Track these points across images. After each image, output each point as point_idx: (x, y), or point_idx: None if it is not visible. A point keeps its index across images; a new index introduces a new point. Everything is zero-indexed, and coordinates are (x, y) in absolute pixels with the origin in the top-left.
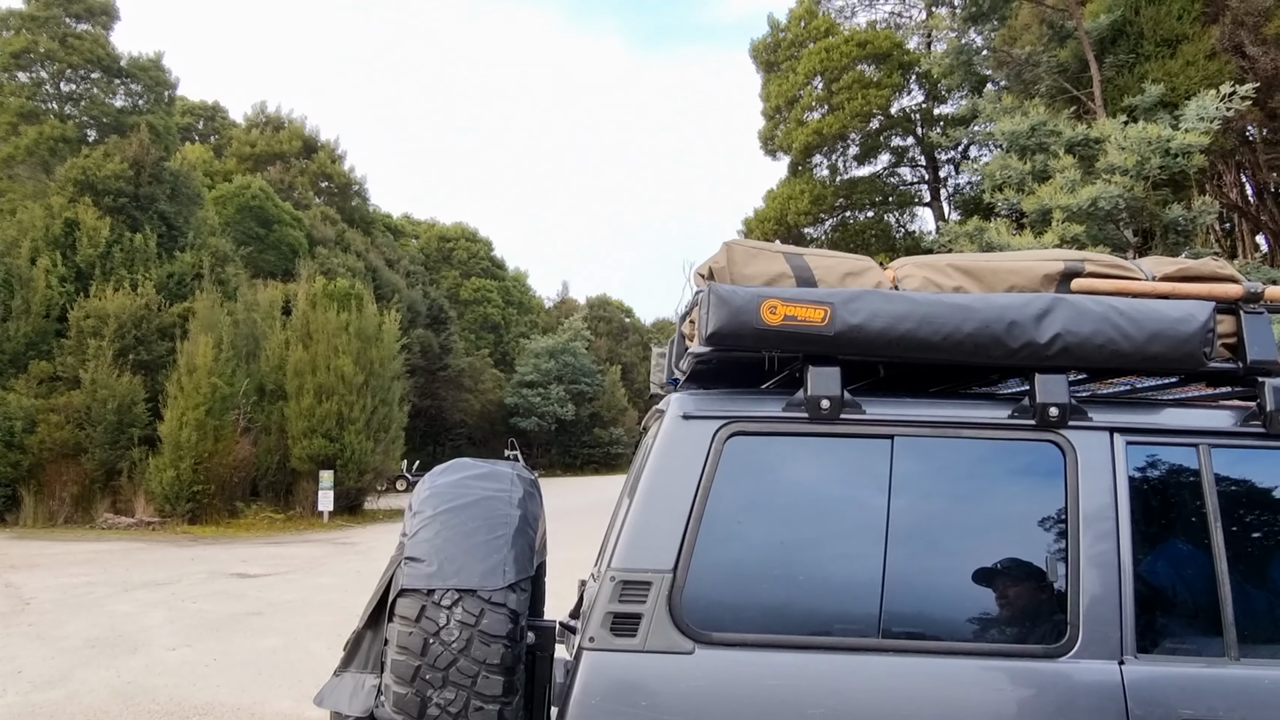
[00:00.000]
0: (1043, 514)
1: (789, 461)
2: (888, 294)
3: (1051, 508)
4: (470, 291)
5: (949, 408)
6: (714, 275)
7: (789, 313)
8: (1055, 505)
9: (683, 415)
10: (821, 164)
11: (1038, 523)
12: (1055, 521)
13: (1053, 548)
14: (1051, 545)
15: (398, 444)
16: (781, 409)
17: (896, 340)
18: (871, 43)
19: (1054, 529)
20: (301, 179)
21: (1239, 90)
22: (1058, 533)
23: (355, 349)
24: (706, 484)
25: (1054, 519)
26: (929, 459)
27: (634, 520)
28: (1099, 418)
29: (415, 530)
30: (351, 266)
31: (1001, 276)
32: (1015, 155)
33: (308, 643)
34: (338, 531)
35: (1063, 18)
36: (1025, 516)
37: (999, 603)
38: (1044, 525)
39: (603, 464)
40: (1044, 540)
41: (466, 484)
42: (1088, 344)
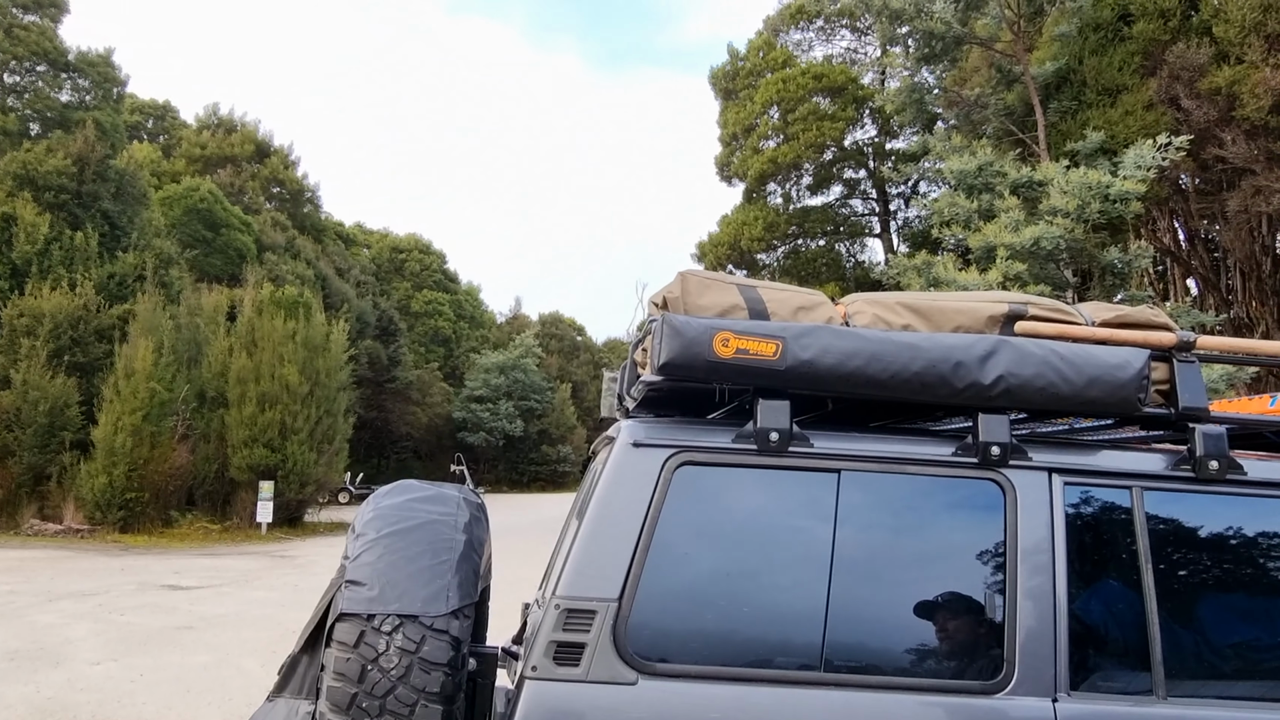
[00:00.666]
0: (983, 551)
1: (737, 492)
2: (839, 330)
3: (991, 545)
4: (421, 304)
5: (894, 443)
6: (668, 304)
7: (741, 346)
8: (995, 542)
9: (633, 443)
10: (775, 192)
11: (978, 559)
12: (994, 559)
13: (991, 584)
14: (990, 582)
15: (342, 456)
16: (731, 440)
17: (846, 376)
18: (827, 76)
19: (993, 566)
20: (253, 183)
21: (1175, 141)
22: (996, 570)
23: (301, 358)
24: (655, 512)
25: (993, 556)
26: (874, 494)
27: (581, 547)
28: (1038, 458)
29: (357, 553)
30: (301, 274)
31: (948, 316)
32: (963, 193)
33: (240, 659)
34: (276, 544)
35: (1010, 63)
36: (966, 553)
37: (939, 638)
38: (984, 562)
39: (550, 481)
40: (983, 577)
41: (412, 506)
42: (1029, 386)
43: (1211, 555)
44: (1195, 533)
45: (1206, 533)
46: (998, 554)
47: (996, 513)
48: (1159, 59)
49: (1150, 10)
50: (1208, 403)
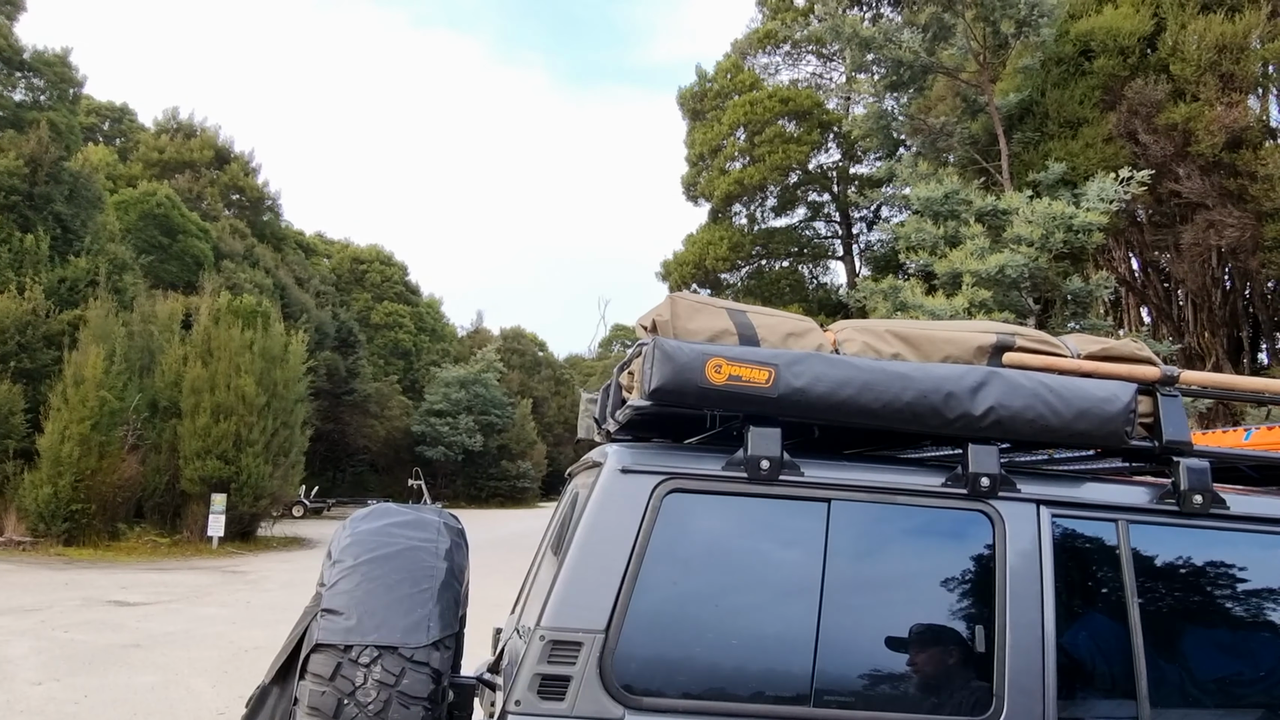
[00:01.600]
0: (971, 583)
1: (726, 521)
2: (831, 358)
3: (980, 577)
4: (382, 316)
5: (885, 473)
6: (657, 327)
7: (734, 373)
8: (983, 574)
9: (621, 468)
10: (741, 213)
11: (966, 591)
12: (983, 590)
13: (980, 616)
14: (979, 614)
15: (298, 469)
16: (721, 467)
17: (838, 405)
18: (794, 100)
19: (981, 598)
20: (211, 190)
21: (1136, 175)
22: (985, 602)
23: (259, 368)
24: (643, 540)
25: (982, 588)
26: (864, 524)
27: (566, 576)
28: (1026, 489)
29: (334, 580)
30: (259, 283)
31: (938, 346)
32: (929, 219)
33: (189, 679)
34: (228, 559)
35: (975, 93)
36: (955, 584)
37: (928, 670)
38: (972, 594)
39: (509, 497)
40: (972, 609)
41: (390, 532)
42: (1019, 418)
43: (1195, 589)
44: (1179, 566)
45: (1190, 566)
46: (986, 586)
47: (985, 544)
48: (1118, 94)
49: (1110, 47)
50: (1190, 437)
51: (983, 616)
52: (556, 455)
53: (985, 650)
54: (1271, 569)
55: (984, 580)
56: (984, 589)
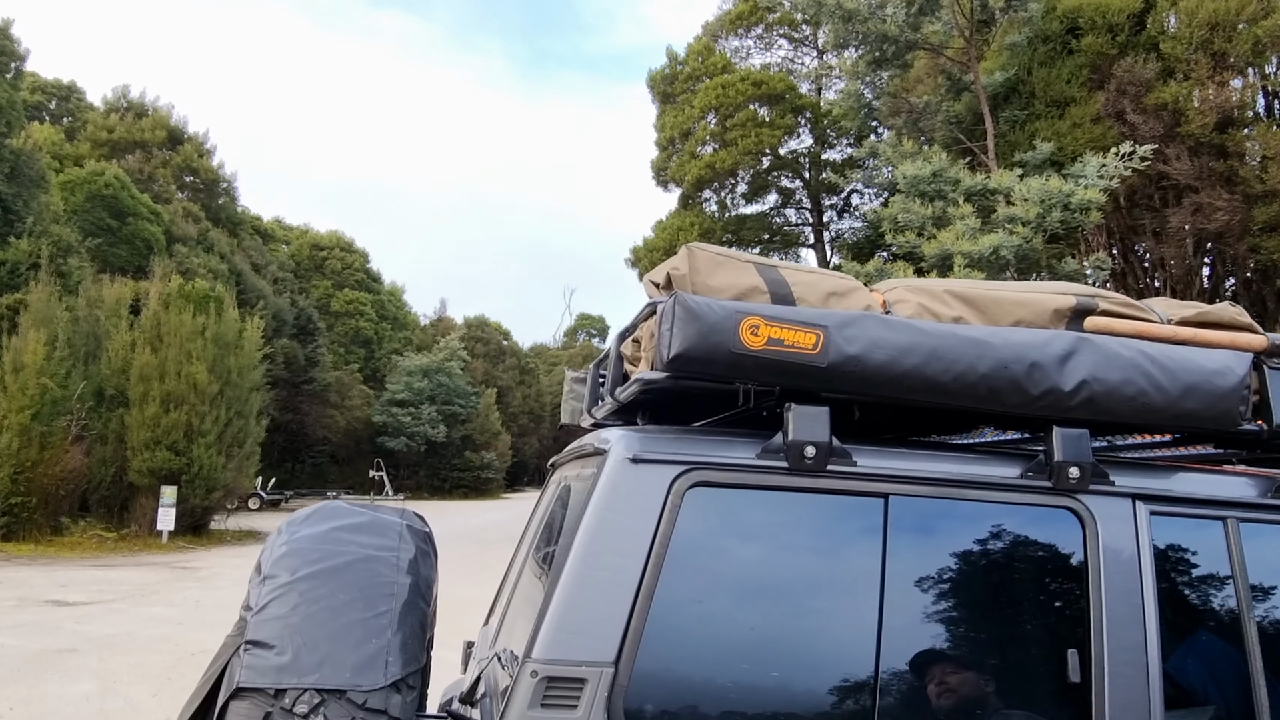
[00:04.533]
0: (1059, 596)
1: (762, 521)
2: (889, 320)
3: (1068, 588)
4: (342, 303)
5: (951, 462)
6: (672, 283)
7: (774, 335)
8: (1073, 585)
9: (631, 457)
10: (711, 199)
11: (1054, 606)
12: (1073, 605)
13: (1072, 638)
14: (1070, 634)
15: (253, 460)
16: (755, 455)
17: (899, 377)
18: (766, 83)
19: (1072, 614)
20: (164, 171)
21: (1139, 150)
22: (1076, 619)
23: (212, 355)
24: (660, 548)
25: (1071, 602)
26: (928, 524)
27: (565, 595)
28: (1121, 482)
29: (264, 602)
30: (214, 268)
31: (1006, 309)
32: (915, 199)
33: (130, 688)
34: (178, 554)
35: (961, 70)
36: (1039, 599)
37: (1010, 703)
38: (1061, 610)
39: (472, 488)
40: (1062, 628)
41: (338, 538)
42: (1116, 395)
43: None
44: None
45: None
46: (1077, 599)
47: (1074, 548)
48: (1106, 73)
49: (1099, 24)
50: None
51: (1075, 637)
52: (521, 446)
53: (1077, 676)
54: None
55: (1074, 593)
56: (1074, 603)
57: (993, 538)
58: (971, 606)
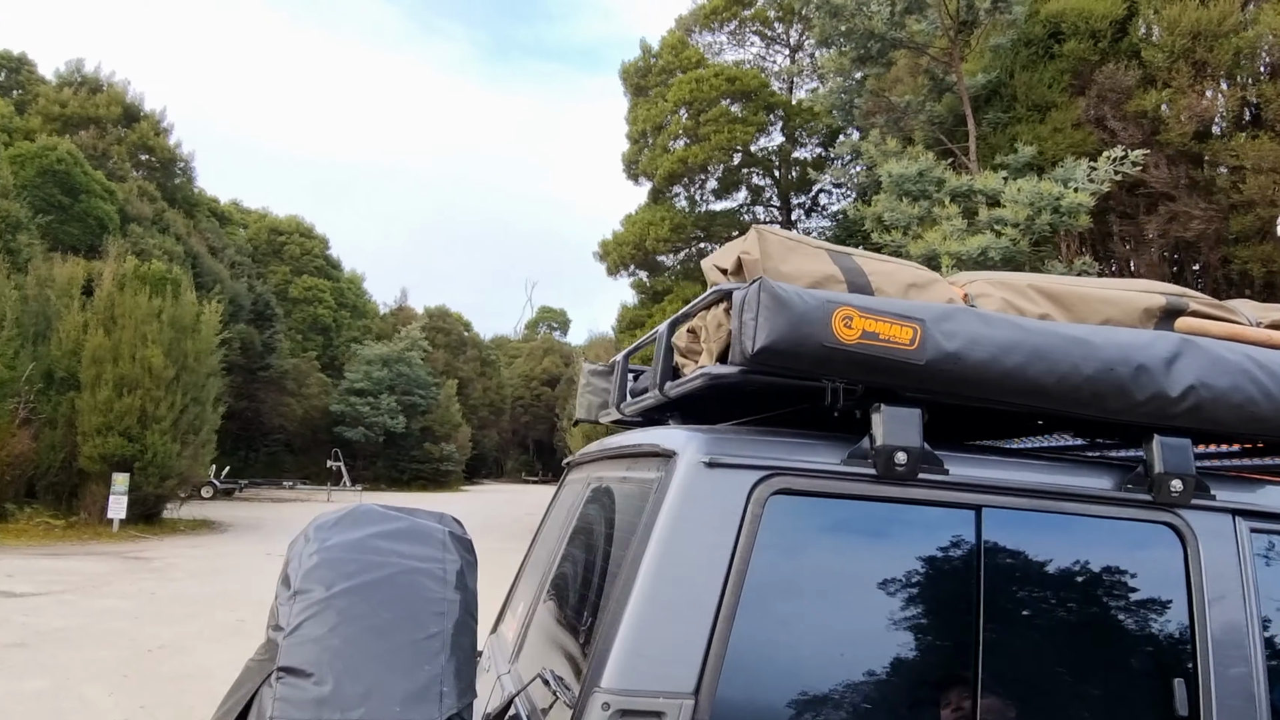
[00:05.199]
0: (1162, 619)
1: (846, 534)
2: (988, 316)
3: (1171, 611)
4: (300, 290)
5: (1045, 472)
6: (743, 269)
7: (869, 328)
8: (1175, 608)
9: (706, 461)
10: (681, 194)
11: (1157, 630)
12: (1176, 629)
13: (1176, 664)
14: (1174, 661)
15: (209, 448)
16: (840, 460)
17: (999, 378)
18: (740, 80)
19: (1176, 639)
20: (118, 148)
21: (1131, 155)
22: (1181, 645)
23: (168, 339)
24: (741, 563)
25: (1175, 626)
26: (1022, 539)
27: (639, 616)
28: (1221, 496)
29: (297, 622)
30: (169, 250)
31: (1093, 306)
32: (904, 199)
33: (83, 686)
34: (130, 543)
35: (944, 70)
36: (1142, 622)
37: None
38: (1164, 634)
39: (431, 480)
40: (1166, 654)
41: (375, 547)
42: (1223, 402)
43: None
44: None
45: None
46: (1180, 623)
47: (1174, 568)
48: (1088, 79)
49: (1081, 30)
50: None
51: (1180, 666)
52: (481, 438)
53: (1188, 713)
54: None
55: (1177, 617)
56: (1178, 629)
57: (1090, 555)
58: (1072, 632)
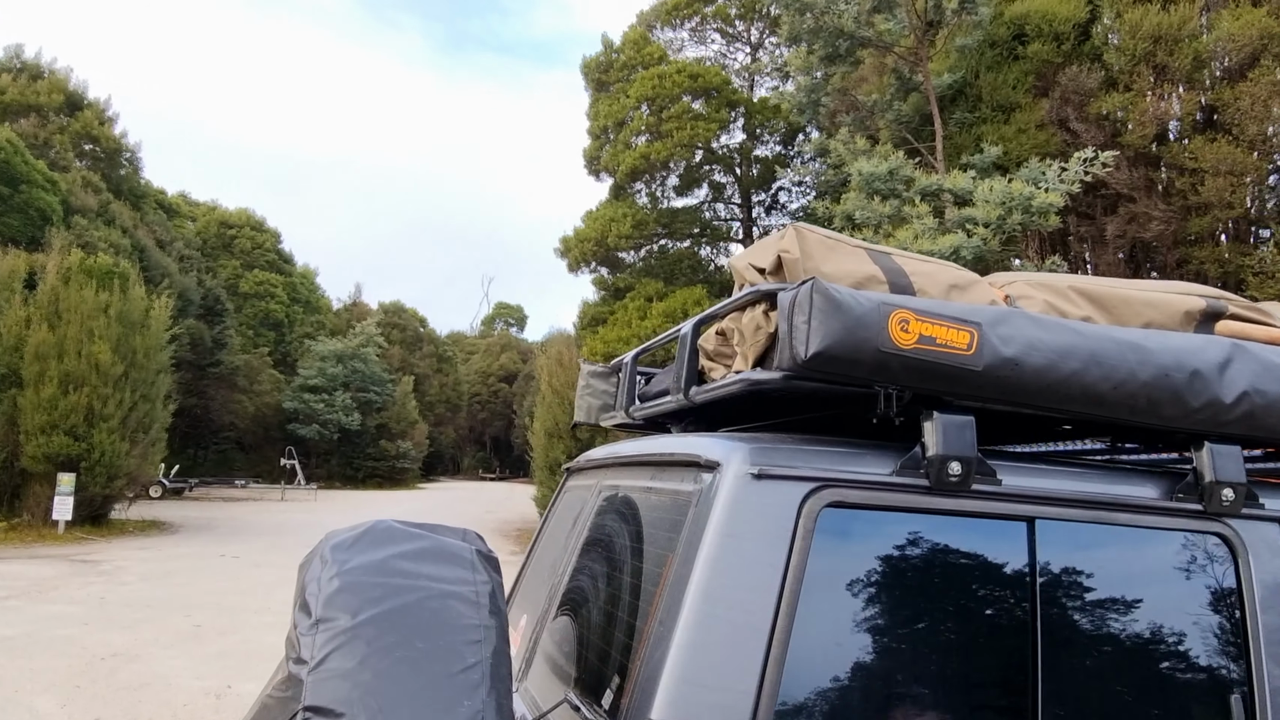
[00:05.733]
0: (1216, 632)
1: (898, 549)
2: (1042, 319)
3: (1224, 623)
4: (252, 284)
5: (1096, 481)
6: (783, 268)
7: (926, 332)
8: (1228, 620)
9: (754, 473)
10: (642, 190)
11: (1212, 644)
12: (1231, 642)
13: (1232, 678)
14: (1230, 675)
15: (159, 446)
16: (891, 471)
17: (1056, 384)
18: (703, 76)
19: (1231, 653)
20: (61, 138)
21: (1101, 156)
22: (1235, 658)
23: (115, 335)
24: (794, 581)
25: (1229, 639)
26: (1075, 551)
27: (689, 641)
28: (1270, 505)
29: (322, 654)
30: (115, 243)
31: (1135, 309)
32: (870, 197)
33: (33, 697)
34: (77, 545)
35: (911, 69)
36: (1197, 635)
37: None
38: (1219, 647)
39: (387, 478)
40: (1221, 668)
41: (401, 569)
42: (1276, 408)
43: None
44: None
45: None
46: (1234, 636)
47: (1226, 579)
48: (1051, 80)
49: (1045, 32)
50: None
51: (1236, 681)
52: (438, 435)
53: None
54: None
55: (1231, 630)
56: (1232, 642)
57: (1144, 567)
58: (1127, 647)
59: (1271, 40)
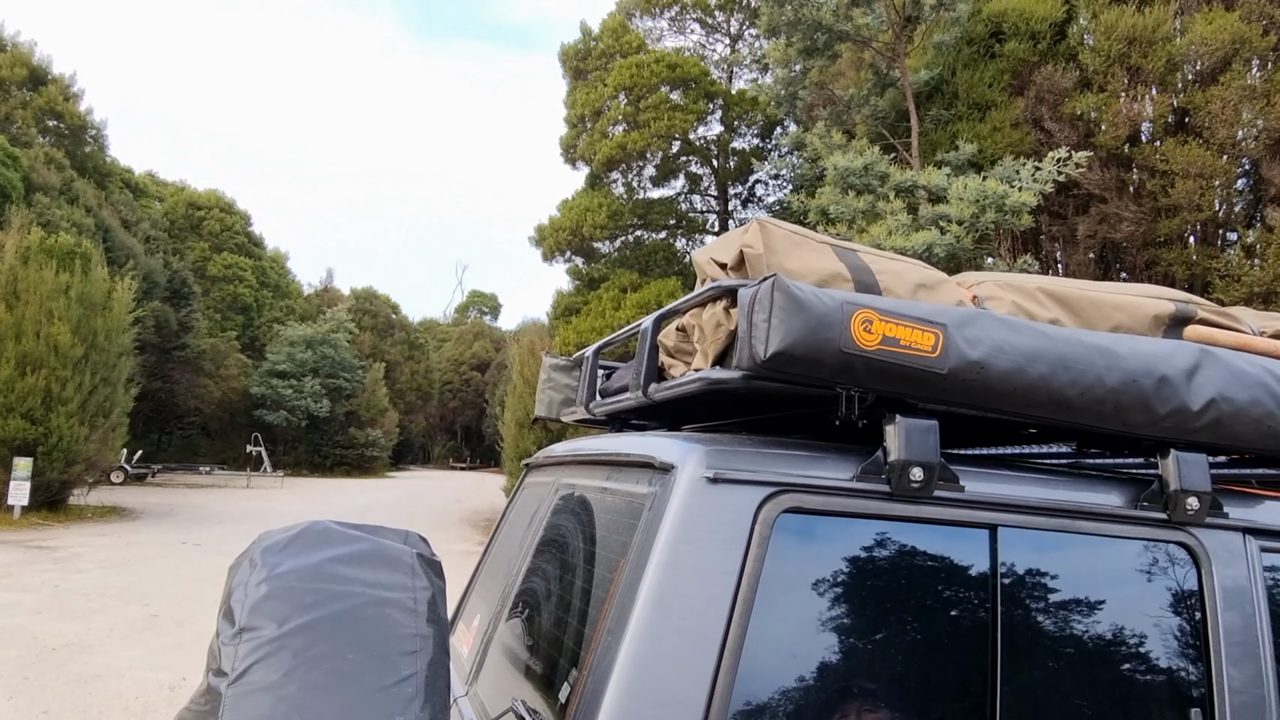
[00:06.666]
0: (1178, 645)
1: (857, 557)
2: (1010, 321)
3: (1185, 636)
4: (220, 267)
5: (1060, 488)
6: (746, 264)
7: (889, 333)
8: (1189, 633)
9: (709, 476)
10: (618, 180)
11: (1173, 658)
12: (1192, 656)
13: (1191, 694)
14: (1190, 690)
15: (119, 431)
16: (852, 476)
17: (1023, 389)
18: (681, 66)
19: (1192, 667)
20: (23, 113)
21: (1075, 156)
22: (1197, 672)
23: (76, 316)
24: (748, 591)
25: (1190, 653)
26: (1037, 560)
27: (638, 651)
28: (1234, 514)
29: (244, 666)
30: (79, 222)
31: (1104, 312)
32: (850, 192)
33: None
34: (32, 531)
35: (889, 64)
36: (1158, 648)
37: None
38: (1180, 662)
39: (356, 466)
40: (1182, 683)
41: (336, 573)
42: (1243, 416)
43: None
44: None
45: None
46: (1195, 649)
47: (1188, 589)
48: (1027, 79)
49: (1021, 30)
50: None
51: (1196, 696)
52: (408, 424)
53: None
54: None
55: (1192, 643)
56: (1193, 656)
57: (1106, 576)
58: (1089, 657)
59: (1243, 45)
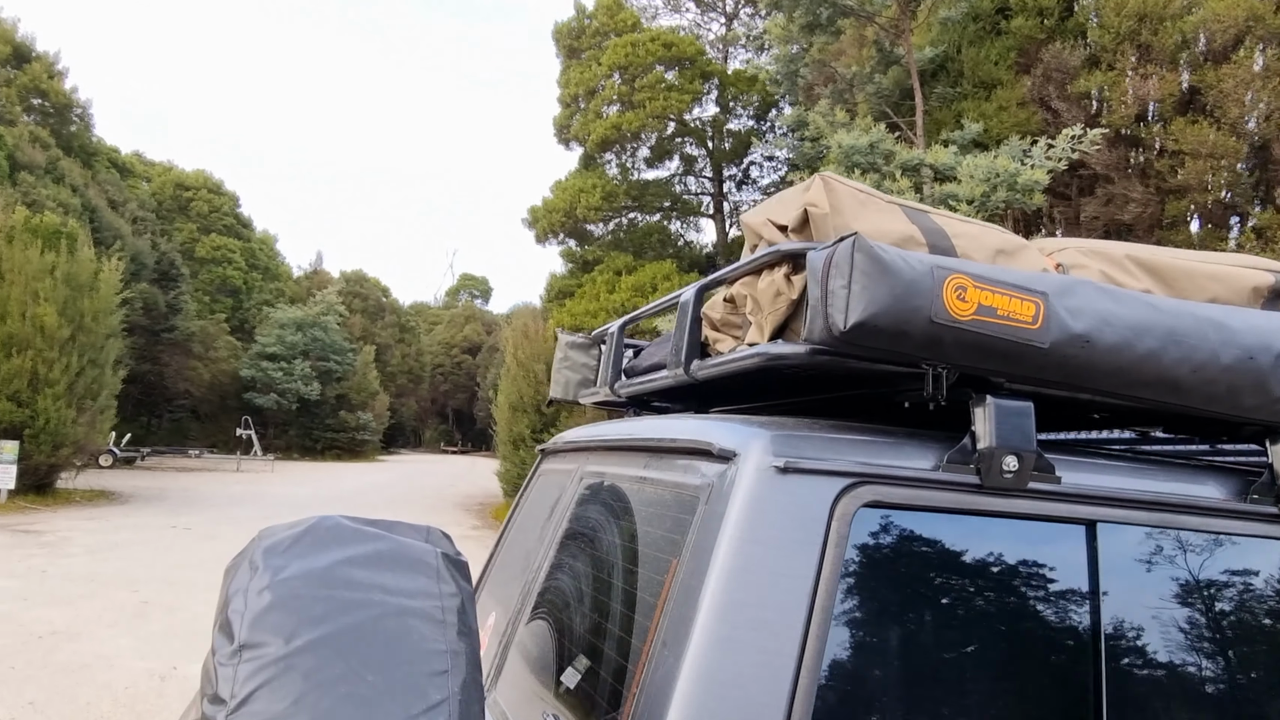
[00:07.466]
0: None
1: (941, 556)
2: (1111, 290)
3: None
4: (208, 249)
5: (1162, 479)
6: (811, 223)
7: (986, 302)
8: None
9: (779, 466)
10: (612, 161)
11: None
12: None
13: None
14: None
15: (108, 414)
16: (935, 465)
17: (1129, 366)
18: (677, 45)
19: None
20: (8, 90)
21: (1089, 134)
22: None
23: (63, 297)
24: (826, 595)
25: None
26: (1140, 559)
27: (704, 665)
28: None
29: (246, 691)
30: (65, 201)
31: (1199, 283)
32: (850, 170)
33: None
34: (19, 515)
35: (893, 41)
36: (1269, 651)
37: None
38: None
39: (346, 449)
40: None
41: (350, 579)
42: None
43: None
44: None
45: None
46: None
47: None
48: (1034, 57)
49: (1029, 6)
50: None
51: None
52: (399, 407)
53: None
54: None
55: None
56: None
57: (1213, 577)
58: (1206, 669)
59: (1257, 22)
